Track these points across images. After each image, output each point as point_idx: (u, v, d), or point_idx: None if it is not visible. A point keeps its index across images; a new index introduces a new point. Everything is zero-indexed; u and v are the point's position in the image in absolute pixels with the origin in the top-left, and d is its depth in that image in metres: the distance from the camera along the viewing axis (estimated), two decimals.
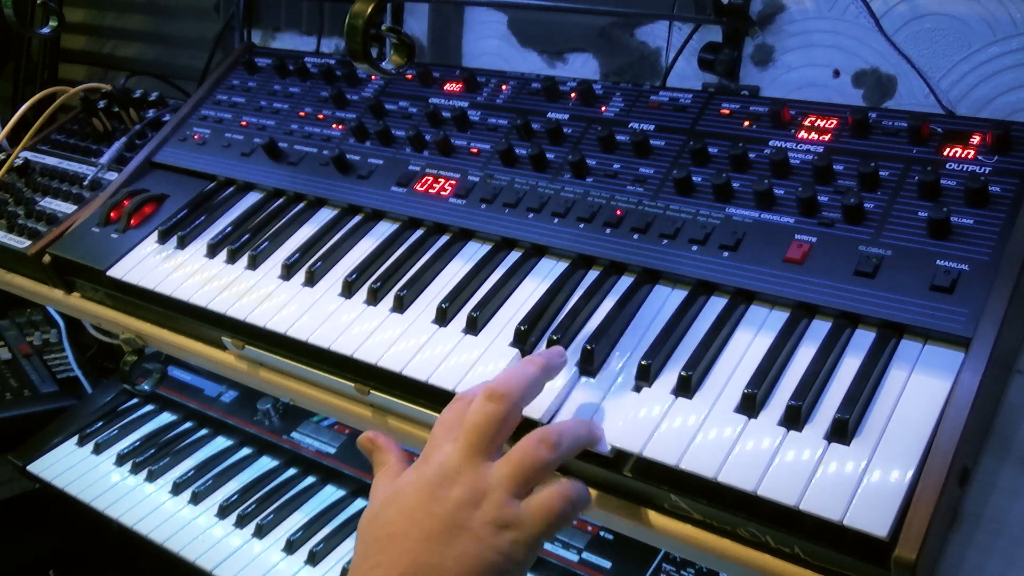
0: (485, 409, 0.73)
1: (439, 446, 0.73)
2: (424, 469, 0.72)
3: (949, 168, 0.85)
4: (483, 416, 0.72)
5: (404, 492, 0.72)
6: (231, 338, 1.04)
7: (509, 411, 0.73)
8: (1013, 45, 0.96)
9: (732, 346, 0.82)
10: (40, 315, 1.98)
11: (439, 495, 0.69)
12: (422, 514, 0.69)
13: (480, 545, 0.67)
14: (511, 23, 1.33)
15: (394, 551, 0.68)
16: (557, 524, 0.70)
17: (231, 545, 1.35)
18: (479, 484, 0.69)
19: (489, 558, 0.67)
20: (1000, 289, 0.75)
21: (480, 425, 0.72)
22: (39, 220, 1.34)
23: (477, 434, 0.72)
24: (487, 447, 0.72)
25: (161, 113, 1.45)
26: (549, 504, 0.69)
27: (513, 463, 0.70)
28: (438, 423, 0.76)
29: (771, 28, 1.10)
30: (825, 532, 0.68)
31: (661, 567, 1.16)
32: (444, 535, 0.67)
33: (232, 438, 1.57)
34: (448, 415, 0.76)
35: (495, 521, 0.68)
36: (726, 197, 0.92)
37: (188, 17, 1.76)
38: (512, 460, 0.71)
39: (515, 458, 0.71)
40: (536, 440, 0.71)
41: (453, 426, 0.74)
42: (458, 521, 0.68)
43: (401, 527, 0.69)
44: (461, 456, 0.71)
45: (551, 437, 0.71)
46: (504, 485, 0.69)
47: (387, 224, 1.09)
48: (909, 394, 0.73)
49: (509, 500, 0.69)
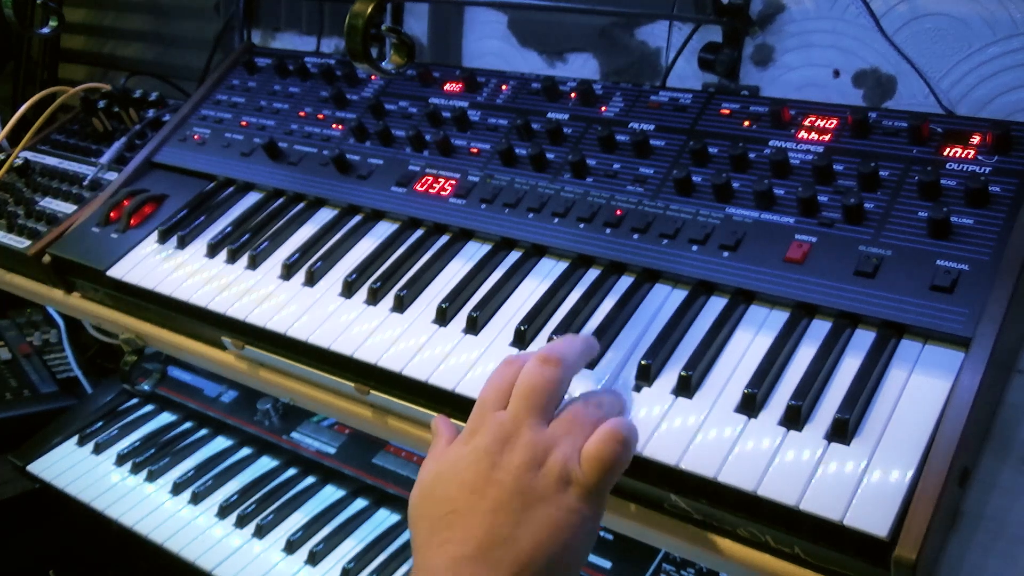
0: (542, 372, 0.72)
1: (490, 412, 0.72)
2: (478, 439, 0.70)
3: (949, 168, 0.85)
4: (539, 378, 0.72)
5: (460, 465, 0.69)
6: (231, 338, 1.04)
7: (563, 375, 0.73)
8: (1013, 45, 0.97)
9: (732, 346, 0.82)
10: (40, 315, 1.98)
11: (500, 462, 0.68)
12: (484, 483, 0.67)
13: (549, 505, 0.66)
14: (511, 23, 1.33)
15: (463, 526, 0.66)
16: (616, 469, 0.69)
17: (231, 545, 1.34)
18: (538, 445, 0.68)
19: (561, 518, 0.66)
20: (1000, 289, 0.75)
21: (536, 387, 0.71)
22: (39, 220, 1.34)
23: (534, 396, 0.71)
24: (543, 409, 0.71)
25: (161, 113, 1.45)
26: (603, 451, 0.68)
27: (567, 420, 0.70)
28: (485, 391, 0.74)
29: (771, 28, 1.10)
30: (825, 532, 0.68)
31: (661, 567, 1.16)
32: (512, 502, 0.66)
33: (232, 438, 1.57)
34: (496, 381, 0.74)
35: (559, 478, 0.67)
36: (726, 197, 0.92)
37: (188, 17, 1.76)
38: (566, 417, 0.70)
39: (568, 414, 0.71)
40: (538, 364, 0.72)
41: (502, 393, 0.73)
42: (523, 486, 0.66)
43: (466, 501, 0.67)
44: (518, 418, 0.70)
45: (551, 353, 0.72)
46: (564, 440, 0.68)
47: (387, 224, 1.09)
48: (909, 394, 0.73)
49: (569, 455, 0.68)
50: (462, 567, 0.64)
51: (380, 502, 1.39)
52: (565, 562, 0.66)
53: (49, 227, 1.31)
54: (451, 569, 0.64)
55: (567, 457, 0.67)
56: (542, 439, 0.69)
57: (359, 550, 1.31)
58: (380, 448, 1.41)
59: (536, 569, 0.64)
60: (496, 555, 0.64)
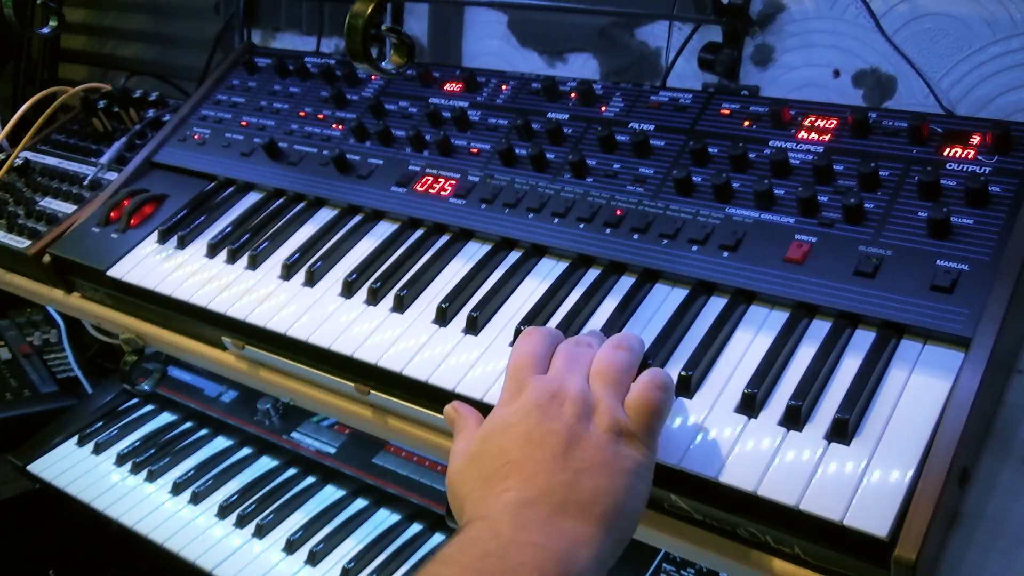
0: (584, 339, 0.77)
1: (528, 376, 0.73)
2: (525, 396, 0.71)
3: (949, 168, 0.85)
4: (579, 345, 0.76)
5: (511, 420, 0.70)
6: (231, 338, 1.04)
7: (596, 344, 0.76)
8: (1013, 45, 0.97)
9: (732, 346, 0.82)
10: (40, 315, 1.98)
11: (552, 412, 0.68)
12: (541, 434, 0.67)
13: (605, 453, 0.66)
14: (511, 23, 1.33)
15: (521, 474, 0.66)
16: (661, 413, 0.70)
17: (231, 545, 1.35)
18: (586, 397, 0.70)
19: (616, 464, 0.66)
20: (1000, 289, 0.75)
21: (573, 351, 0.75)
22: (39, 220, 1.34)
23: (571, 357, 0.74)
24: (581, 368, 0.73)
25: (161, 113, 1.45)
26: (647, 397, 0.70)
27: (603, 374, 0.72)
28: (517, 358, 0.76)
29: (771, 28, 1.10)
30: (825, 532, 0.68)
31: (661, 567, 1.16)
32: (569, 450, 0.66)
33: (232, 438, 1.57)
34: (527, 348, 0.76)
35: (611, 427, 0.68)
36: (726, 197, 0.92)
37: (188, 17, 1.76)
38: (601, 371, 0.72)
39: (602, 369, 0.72)
40: (613, 346, 0.75)
41: (537, 358, 0.75)
42: (578, 434, 0.67)
43: (521, 452, 0.67)
44: (559, 374, 0.72)
45: (624, 342, 0.75)
46: (608, 393, 0.70)
47: (387, 224, 1.09)
48: (909, 394, 0.73)
49: (615, 406, 0.69)
50: (524, 509, 0.63)
51: (380, 502, 1.39)
52: (629, 504, 0.66)
53: (49, 227, 1.30)
54: (510, 512, 0.63)
55: (613, 409, 0.69)
56: (587, 392, 0.71)
57: (359, 550, 1.31)
58: (380, 448, 1.41)
59: (602, 512, 0.64)
60: (559, 498, 0.64)
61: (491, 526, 0.63)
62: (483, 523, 0.63)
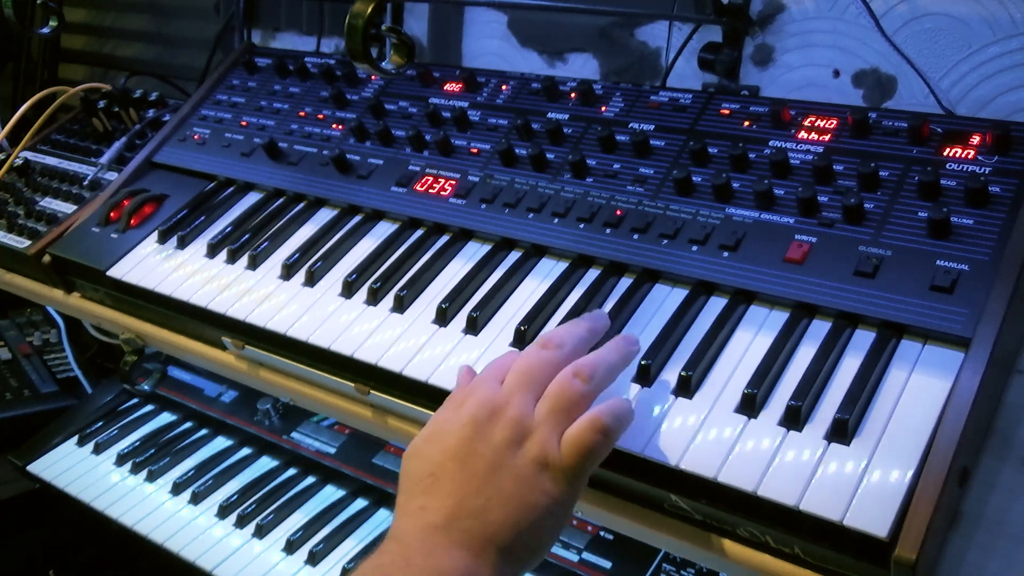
0: (540, 354, 0.74)
1: (484, 384, 0.73)
2: (468, 405, 0.71)
3: (949, 168, 0.85)
4: (536, 358, 0.73)
5: (447, 431, 0.71)
6: (231, 338, 1.04)
7: (559, 358, 0.74)
8: (1013, 45, 0.96)
9: (732, 346, 0.82)
10: (40, 315, 1.98)
11: (484, 433, 0.69)
12: (466, 453, 0.68)
13: (524, 485, 0.67)
14: (511, 23, 1.33)
15: (440, 492, 0.67)
16: (594, 456, 0.69)
17: (231, 545, 1.34)
18: (524, 421, 0.69)
19: (531, 498, 0.67)
20: (1000, 289, 0.75)
21: (532, 365, 0.73)
22: (39, 220, 1.34)
23: (527, 373, 0.72)
24: (534, 386, 0.72)
25: (161, 113, 1.45)
26: (583, 439, 0.68)
27: (551, 399, 0.71)
28: (484, 370, 0.76)
29: (771, 28, 1.10)
30: (825, 532, 0.68)
31: (661, 567, 1.16)
32: (488, 475, 0.67)
33: (232, 438, 1.57)
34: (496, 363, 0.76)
35: (536, 460, 0.68)
36: (726, 197, 0.92)
37: (188, 17, 1.76)
38: (550, 396, 0.71)
39: (552, 393, 0.71)
40: (571, 374, 0.72)
41: (498, 369, 0.74)
42: (502, 461, 0.67)
43: (446, 468, 0.68)
44: (508, 392, 0.71)
45: (584, 370, 0.72)
46: (546, 422, 0.69)
47: (387, 224, 1.09)
48: (909, 394, 0.73)
49: (550, 437, 0.68)
50: (432, 535, 0.65)
51: (380, 502, 1.39)
52: (532, 541, 0.67)
53: (49, 227, 1.31)
54: (421, 537, 0.66)
55: (546, 440, 0.68)
56: (526, 416, 0.70)
57: (359, 550, 1.31)
58: (380, 448, 1.41)
59: (501, 544, 0.65)
60: (464, 525, 0.66)
61: (404, 552, 0.65)
62: (397, 546, 0.66)
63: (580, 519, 1.21)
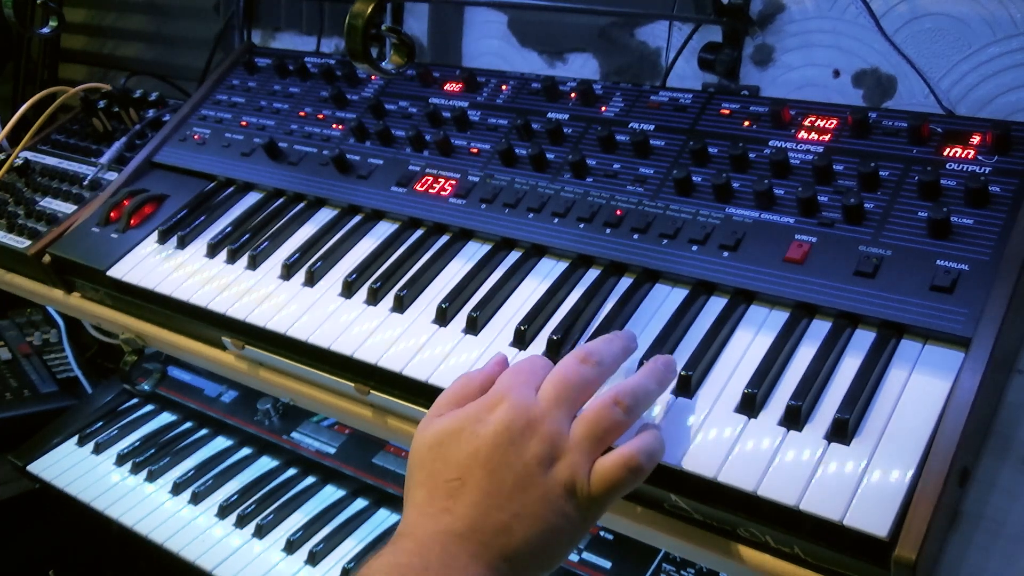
0: (580, 369, 0.72)
1: (521, 385, 0.71)
2: (503, 410, 0.69)
3: (949, 168, 0.85)
4: (576, 374, 0.71)
5: (478, 433, 0.68)
6: (231, 338, 1.04)
7: (598, 375, 0.72)
8: (1013, 45, 0.96)
9: (732, 346, 0.82)
10: (40, 315, 1.98)
11: (518, 445, 0.67)
12: (497, 463, 0.67)
13: (548, 507, 0.66)
14: (511, 23, 1.33)
15: (465, 500, 0.66)
16: (621, 492, 0.69)
17: (231, 545, 1.34)
18: (558, 441, 0.68)
19: (553, 521, 0.66)
20: (1000, 289, 0.75)
21: (571, 380, 0.71)
22: (39, 220, 1.34)
23: (566, 387, 0.70)
24: (572, 403, 0.70)
25: (161, 113, 1.45)
26: (612, 475, 0.67)
27: (589, 424, 0.69)
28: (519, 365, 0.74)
29: (771, 28, 1.10)
30: (825, 532, 0.68)
31: (661, 567, 1.16)
32: (515, 491, 0.66)
33: (232, 438, 1.57)
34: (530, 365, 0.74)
35: (565, 484, 0.67)
36: (726, 197, 0.92)
37: (188, 17, 1.75)
38: (588, 420, 0.69)
39: (590, 418, 0.69)
40: (611, 401, 0.70)
41: (534, 375, 0.72)
42: (532, 479, 0.66)
43: (474, 475, 0.67)
44: (546, 406, 0.69)
45: (626, 399, 0.70)
46: (580, 447, 0.68)
47: (387, 224, 1.09)
48: (909, 394, 0.73)
49: (583, 463, 0.67)
50: (452, 544, 0.65)
51: (380, 502, 1.39)
52: (545, 561, 0.67)
53: (49, 227, 1.30)
54: (441, 543, 0.65)
55: (578, 466, 0.67)
56: (562, 437, 0.68)
57: (359, 550, 1.31)
58: (380, 448, 1.41)
59: (517, 560, 0.66)
60: (485, 539, 0.65)
61: (422, 555, 0.64)
62: (415, 546, 0.65)
63: None
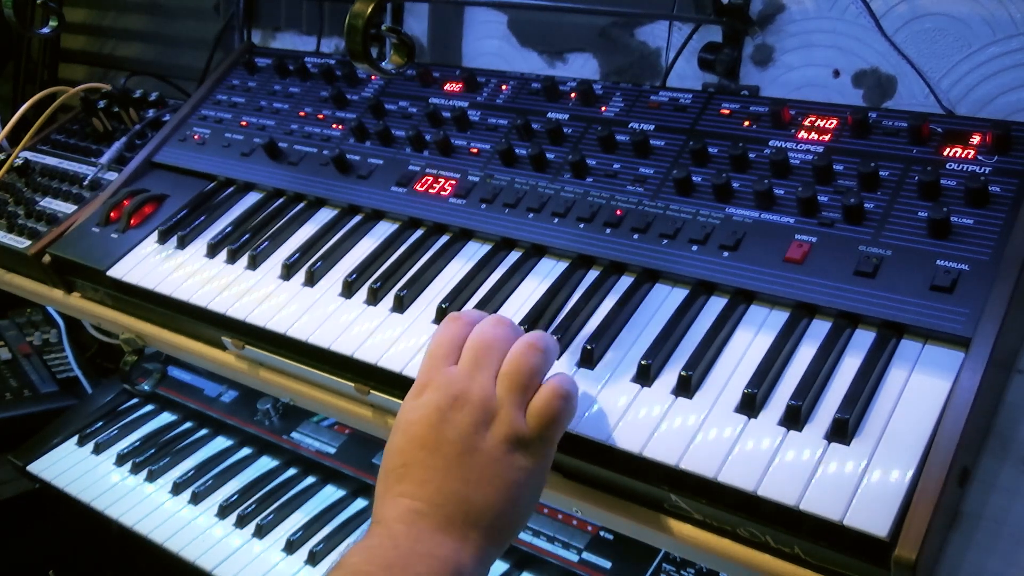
0: (494, 330, 0.73)
1: (441, 366, 0.73)
2: (429, 393, 0.72)
3: (949, 168, 0.85)
4: (491, 334, 0.73)
5: (412, 420, 0.71)
6: (231, 338, 1.04)
7: (512, 331, 0.74)
8: (1013, 45, 0.96)
9: (732, 346, 0.82)
10: (40, 315, 1.98)
11: (451, 418, 0.69)
12: (435, 441, 0.69)
13: (499, 465, 0.68)
14: (511, 23, 1.33)
15: (414, 481, 0.68)
16: (561, 422, 0.71)
17: (231, 545, 1.35)
18: (487, 403, 0.70)
19: (510, 476, 0.68)
20: (1000, 289, 0.75)
21: (487, 341, 0.73)
22: (39, 220, 1.34)
23: (484, 350, 0.72)
24: (491, 362, 0.72)
25: (161, 113, 1.45)
26: (549, 407, 0.70)
27: (511, 375, 0.71)
28: (433, 345, 0.75)
29: (771, 28, 1.10)
30: (825, 532, 0.68)
31: (661, 567, 1.16)
32: (462, 459, 0.68)
33: (232, 438, 1.57)
34: (445, 335, 0.75)
35: (507, 439, 0.69)
36: (726, 197, 0.92)
37: (188, 17, 1.76)
38: (510, 373, 0.71)
39: (511, 370, 0.71)
40: (526, 347, 0.72)
41: (452, 347, 0.74)
42: (473, 444, 0.68)
43: (416, 456, 0.69)
44: (466, 374, 0.71)
45: (539, 341, 0.73)
46: (510, 400, 0.70)
47: (387, 224, 1.09)
48: (909, 394, 0.73)
49: (516, 414, 0.69)
50: (417, 521, 0.67)
51: None
52: (513, 516, 0.69)
53: (49, 227, 1.31)
54: (405, 521, 0.67)
55: (513, 418, 0.69)
56: (489, 397, 0.70)
57: None
58: (380, 448, 1.40)
59: (483, 524, 0.67)
60: (448, 511, 0.67)
61: (390, 535, 0.66)
62: (383, 530, 0.67)
63: (580, 519, 1.21)
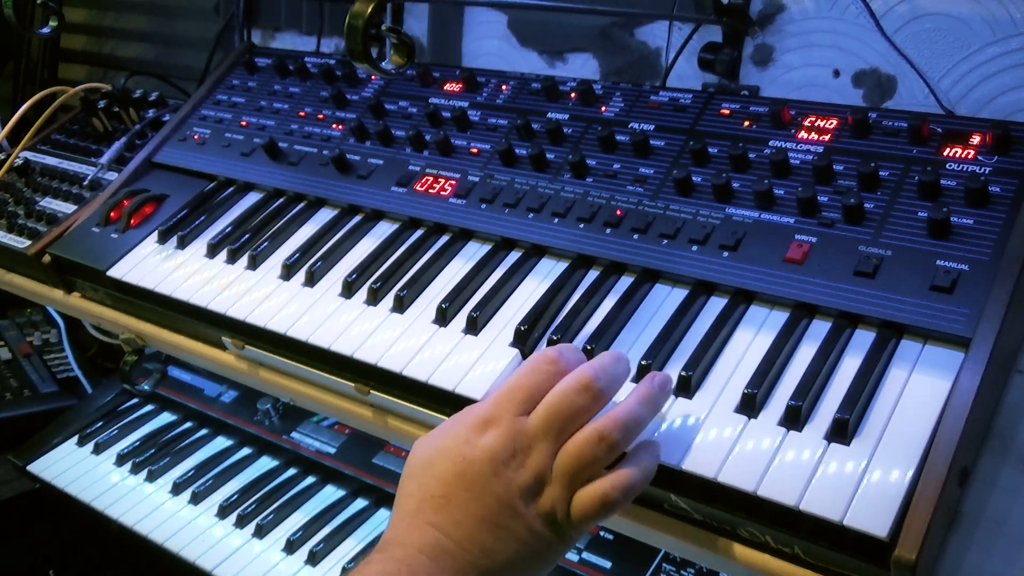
0: (575, 400, 0.70)
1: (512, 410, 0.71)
2: (491, 437, 0.70)
3: (949, 168, 0.85)
4: (571, 405, 0.70)
5: (465, 455, 0.70)
6: (231, 338, 1.04)
7: (594, 407, 0.71)
8: (1013, 45, 0.96)
9: (732, 346, 0.82)
10: (40, 315, 1.98)
11: (502, 474, 0.69)
12: (481, 488, 0.69)
13: (530, 533, 0.69)
14: (511, 23, 1.33)
15: (450, 519, 0.69)
16: (595, 521, 0.71)
17: (231, 545, 1.35)
18: (542, 474, 0.69)
19: (533, 545, 0.69)
20: (1000, 289, 0.75)
21: (564, 411, 0.70)
22: (39, 220, 1.34)
23: (559, 417, 0.70)
24: (561, 432, 0.70)
25: (161, 113, 1.45)
26: (589, 511, 0.69)
27: (572, 459, 0.69)
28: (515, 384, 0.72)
29: (771, 28, 1.10)
30: (825, 532, 0.68)
31: (661, 567, 1.16)
32: (500, 516, 0.69)
33: (232, 438, 1.57)
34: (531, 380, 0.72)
35: (547, 515, 0.69)
36: (726, 197, 0.92)
37: (188, 17, 1.76)
38: (571, 455, 0.69)
39: (574, 453, 0.69)
40: (596, 438, 0.69)
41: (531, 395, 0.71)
42: (515, 508, 0.69)
43: (459, 496, 0.69)
44: (536, 434, 0.70)
45: (613, 433, 0.69)
46: (561, 481, 0.69)
47: (387, 224, 1.09)
48: (909, 394, 0.73)
49: (563, 496, 0.69)
50: (442, 558, 0.68)
51: (380, 502, 1.39)
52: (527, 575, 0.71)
53: (49, 227, 1.31)
54: (429, 555, 0.68)
55: (559, 499, 0.69)
56: (545, 470, 0.70)
57: (359, 550, 1.31)
58: (380, 448, 1.42)
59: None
60: (472, 558, 0.68)
61: (410, 564, 0.67)
62: (404, 555, 0.68)
63: None
